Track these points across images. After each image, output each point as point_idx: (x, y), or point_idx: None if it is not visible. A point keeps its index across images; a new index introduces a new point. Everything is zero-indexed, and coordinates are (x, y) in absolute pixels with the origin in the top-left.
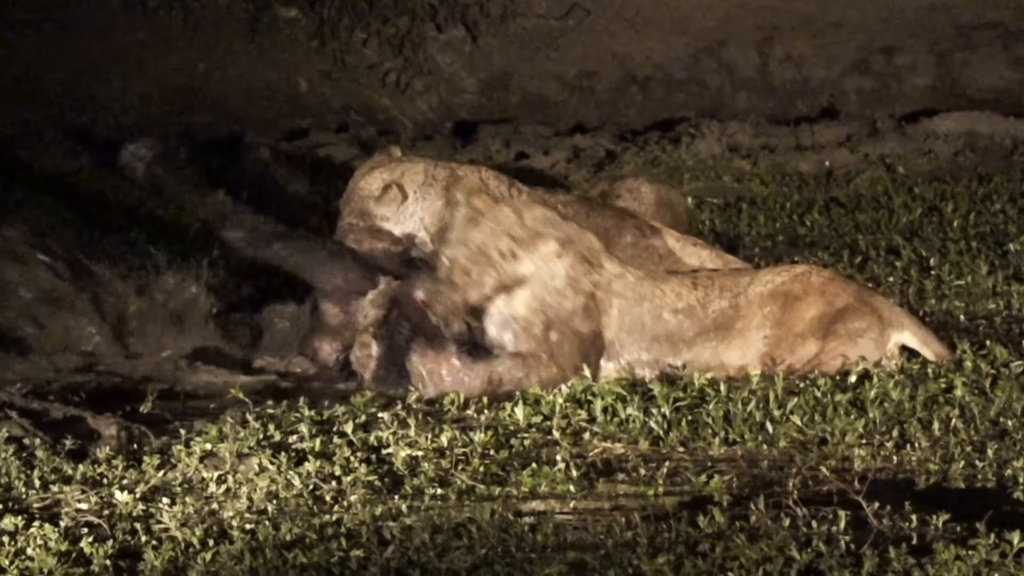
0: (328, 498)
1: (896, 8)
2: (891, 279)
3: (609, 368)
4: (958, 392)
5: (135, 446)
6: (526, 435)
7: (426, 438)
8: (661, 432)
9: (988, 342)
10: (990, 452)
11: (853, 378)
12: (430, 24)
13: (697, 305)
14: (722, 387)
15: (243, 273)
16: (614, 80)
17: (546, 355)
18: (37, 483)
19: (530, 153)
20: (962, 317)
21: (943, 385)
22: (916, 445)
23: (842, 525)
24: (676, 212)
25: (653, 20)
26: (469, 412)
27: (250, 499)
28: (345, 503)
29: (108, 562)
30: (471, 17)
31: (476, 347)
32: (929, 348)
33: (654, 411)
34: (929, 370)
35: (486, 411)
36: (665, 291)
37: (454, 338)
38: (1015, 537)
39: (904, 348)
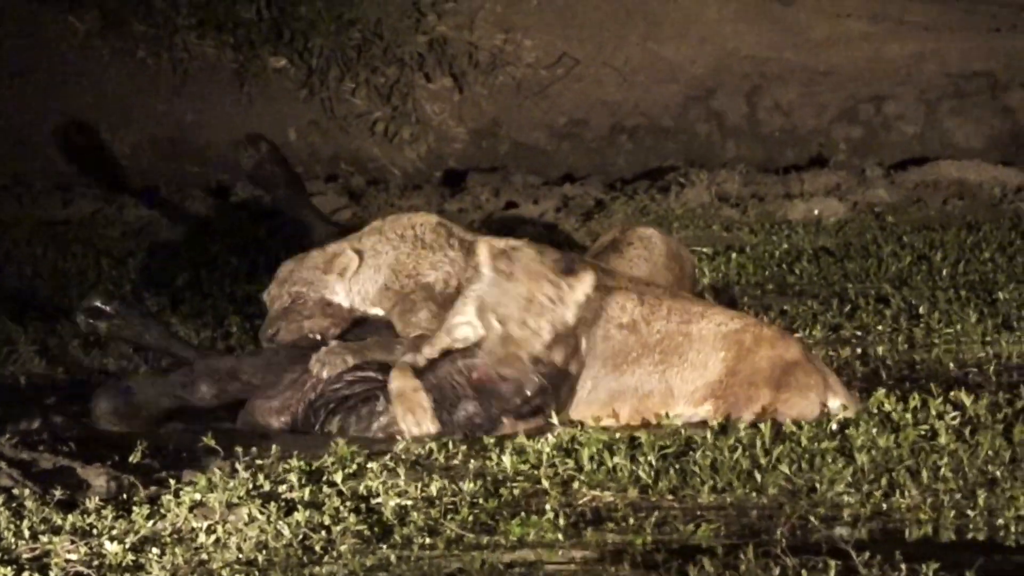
0: (318, 548)
1: (885, 57)
2: (880, 327)
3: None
4: (942, 439)
5: (124, 496)
6: (515, 484)
7: (415, 487)
8: (649, 481)
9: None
10: (980, 501)
11: (835, 425)
12: (418, 73)
13: (641, 321)
14: (708, 435)
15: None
16: (603, 129)
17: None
18: (26, 533)
19: (519, 202)
20: (951, 365)
21: (923, 431)
22: (905, 493)
23: (832, 574)
24: (684, 267)
25: (642, 69)
26: (457, 461)
27: (239, 549)
28: (335, 553)
29: None
30: (459, 66)
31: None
32: None
33: (642, 459)
34: (908, 415)
35: (473, 460)
36: (610, 304)
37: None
38: None
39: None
